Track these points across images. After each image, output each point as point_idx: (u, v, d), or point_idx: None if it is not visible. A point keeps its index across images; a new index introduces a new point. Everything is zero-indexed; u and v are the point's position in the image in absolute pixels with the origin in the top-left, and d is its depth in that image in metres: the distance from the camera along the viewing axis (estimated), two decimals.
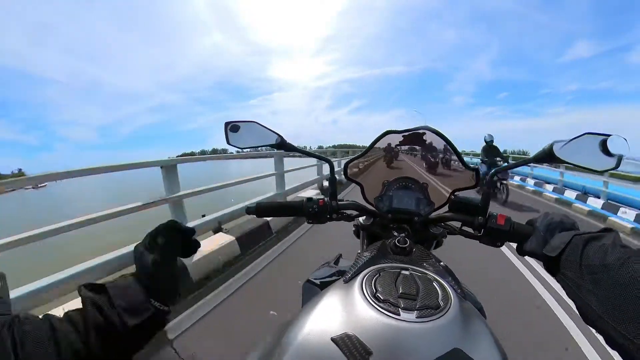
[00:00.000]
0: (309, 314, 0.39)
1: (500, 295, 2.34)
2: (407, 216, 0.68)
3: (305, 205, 0.68)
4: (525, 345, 1.78)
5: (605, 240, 0.38)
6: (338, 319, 0.37)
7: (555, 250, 0.43)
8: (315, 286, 0.70)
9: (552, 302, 2.29)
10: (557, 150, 0.50)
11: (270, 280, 2.72)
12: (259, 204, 0.72)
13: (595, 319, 0.33)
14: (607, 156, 0.45)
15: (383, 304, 0.37)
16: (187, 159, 3.26)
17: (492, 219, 0.58)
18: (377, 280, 0.42)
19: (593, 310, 0.33)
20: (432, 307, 0.37)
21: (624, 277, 0.30)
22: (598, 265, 0.34)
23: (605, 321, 0.31)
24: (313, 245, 3.64)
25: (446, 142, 0.67)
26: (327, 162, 0.77)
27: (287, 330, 0.38)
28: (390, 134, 0.68)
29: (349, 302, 0.39)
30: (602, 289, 0.33)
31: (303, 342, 0.35)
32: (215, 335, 1.94)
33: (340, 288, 0.44)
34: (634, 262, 0.31)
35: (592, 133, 0.47)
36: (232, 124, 0.66)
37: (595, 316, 0.33)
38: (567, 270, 0.40)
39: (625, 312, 0.29)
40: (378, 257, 0.53)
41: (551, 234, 0.48)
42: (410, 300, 0.37)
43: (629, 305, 0.29)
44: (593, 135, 0.47)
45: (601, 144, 0.46)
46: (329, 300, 0.41)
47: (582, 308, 0.36)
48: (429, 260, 0.53)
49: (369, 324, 0.35)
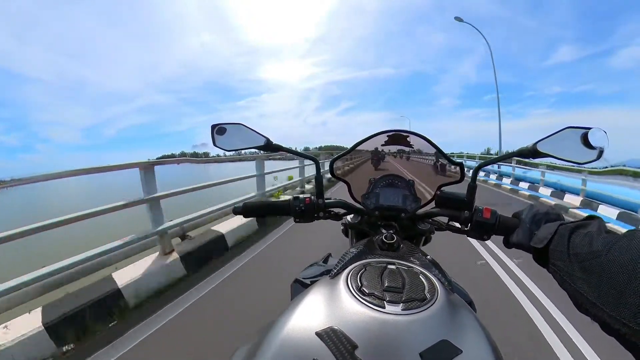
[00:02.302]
0: (294, 309, 0.39)
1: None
2: (395, 213, 0.68)
3: (292, 204, 0.67)
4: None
5: (590, 228, 0.38)
6: (323, 314, 0.37)
7: (542, 241, 0.43)
8: (304, 286, 0.69)
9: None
10: (539, 145, 0.52)
11: (206, 314, 2.20)
12: (246, 204, 0.71)
13: (588, 306, 0.33)
14: (588, 149, 0.47)
15: (368, 297, 0.37)
16: (164, 161, 3.14)
17: (478, 213, 0.58)
18: (362, 274, 0.42)
19: (585, 298, 0.34)
20: (418, 300, 0.37)
21: (612, 262, 0.31)
22: (586, 252, 0.35)
23: (599, 307, 0.31)
24: (272, 266, 3.04)
25: (429, 142, 0.69)
26: (313, 161, 0.77)
27: (272, 327, 0.38)
28: (378, 134, 0.69)
29: (334, 296, 0.39)
30: (592, 276, 0.33)
31: (287, 338, 0.34)
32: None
33: (325, 283, 0.44)
34: (620, 248, 0.31)
35: (573, 127, 0.48)
36: (219, 127, 0.66)
37: (589, 303, 0.33)
38: (556, 260, 0.40)
39: (617, 296, 0.29)
40: (365, 253, 0.53)
41: (537, 225, 0.48)
42: (396, 294, 0.38)
43: (620, 290, 0.29)
44: (574, 129, 0.48)
45: (582, 137, 0.47)
46: (314, 296, 0.41)
47: (574, 296, 0.36)
48: (415, 254, 0.53)
49: (354, 318, 0.35)
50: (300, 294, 0.44)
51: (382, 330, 0.33)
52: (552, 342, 1.86)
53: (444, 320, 0.35)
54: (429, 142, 0.68)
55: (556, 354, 1.76)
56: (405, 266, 0.45)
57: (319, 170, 0.73)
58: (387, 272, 0.42)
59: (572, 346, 1.82)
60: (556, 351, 1.78)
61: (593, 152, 0.47)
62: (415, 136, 0.69)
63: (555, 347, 1.81)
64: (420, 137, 0.68)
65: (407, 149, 0.73)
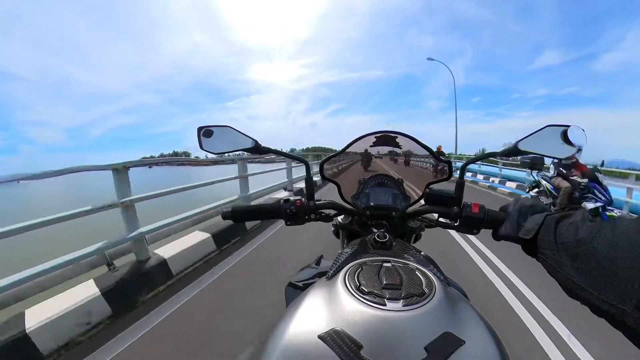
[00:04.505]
0: (294, 314, 0.38)
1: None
2: (385, 212, 0.69)
3: (282, 206, 0.66)
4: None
5: (574, 217, 0.41)
6: (324, 316, 0.36)
7: (530, 232, 0.45)
8: (298, 289, 0.69)
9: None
10: (520, 144, 0.55)
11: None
12: (235, 207, 0.69)
13: (578, 291, 0.35)
14: (568, 145, 0.49)
15: (368, 296, 0.37)
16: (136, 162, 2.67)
17: (467, 208, 0.60)
18: (359, 273, 0.42)
19: (575, 283, 0.36)
20: (417, 295, 0.37)
21: (597, 249, 0.33)
22: (572, 241, 0.37)
23: (587, 291, 0.33)
24: (229, 305, 2.14)
25: (417, 142, 0.70)
26: (303, 162, 0.76)
27: (272, 332, 0.37)
28: (367, 136, 0.69)
29: (333, 297, 0.39)
30: (579, 262, 0.35)
31: (290, 343, 0.33)
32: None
33: (323, 285, 0.43)
34: (604, 234, 0.33)
35: (553, 125, 0.51)
36: (206, 129, 0.63)
37: (578, 288, 0.35)
38: (545, 250, 0.42)
39: (603, 280, 0.31)
40: (359, 253, 0.53)
41: (524, 217, 0.50)
42: (395, 290, 0.38)
43: (606, 274, 0.31)
44: (554, 127, 0.51)
45: (562, 134, 0.50)
46: (313, 298, 0.40)
47: (564, 283, 0.38)
48: (409, 251, 0.54)
49: (356, 318, 0.34)
50: (298, 297, 0.43)
51: (385, 327, 0.33)
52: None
53: (445, 313, 0.36)
54: (417, 142, 0.69)
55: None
56: (400, 263, 0.46)
57: (309, 172, 0.72)
58: (384, 270, 0.42)
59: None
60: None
61: (572, 148, 0.50)
62: (404, 137, 0.70)
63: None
64: (409, 138, 0.69)
65: (396, 149, 0.74)
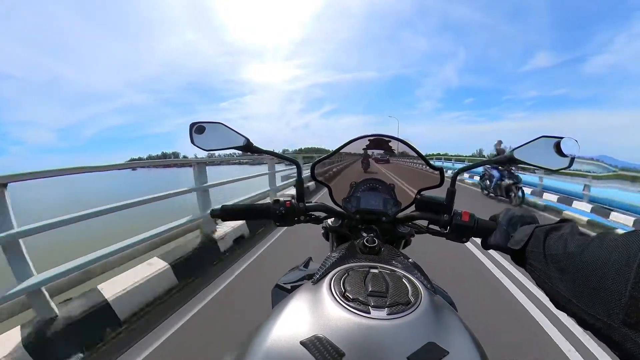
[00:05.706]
0: (277, 318, 0.37)
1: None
2: (375, 216, 0.68)
3: (272, 207, 0.66)
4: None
5: (564, 230, 0.40)
6: (307, 322, 0.35)
7: (519, 243, 0.45)
8: (285, 291, 0.68)
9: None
10: (516, 152, 0.55)
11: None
12: (224, 207, 0.68)
13: (565, 303, 0.35)
14: (561, 157, 0.49)
15: (353, 303, 0.36)
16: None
17: (457, 216, 0.60)
18: (345, 279, 0.41)
19: (562, 296, 0.35)
20: (402, 303, 0.37)
21: (586, 263, 0.32)
22: (561, 254, 0.37)
23: (575, 305, 0.33)
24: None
25: (410, 147, 0.69)
26: (295, 163, 0.75)
27: (254, 336, 0.36)
28: (360, 138, 0.69)
29: (317, 303, 0.38)
30: (567, 276, 0.35)
31: (271, 348, 0.33)
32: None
33: (308, 290, 0.42)
34: (593, 249, 0.33)
35: (547, 136, 0.51)
36: (198, 125, 0.64)
37: (565, 301, 0.35)
38: (533, 261, 0.42)
39: (591, 294, 0.31)
40: (347, 257, 0.52)
41: (513, 227, 0.50)
42: (380, 298, 0.37)
43: (594, 288, 0.30)
44: (548, 138, 0.50)
45: (555, 145, 0.49)
46: (297, 303, 0.40)
47: (552, 295, 0.38)
48: (397, 257, 0.53)
49: (339, 325, 0.34)
50: (283, 301, 0.42)
51: (368, 336, 0.32)
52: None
53: (429, 323, 0.35)
54: (410, 146, 0.69)
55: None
56: (387, 270, 0.45)
57: (300, 173, 0.71)
58: (371, 277, 0.42)
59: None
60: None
61: (565, 159, 0.50)
62: (397, 141, 0.69)
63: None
64: (402, 142, 0.69)
65: (389, 153, 0.73)
